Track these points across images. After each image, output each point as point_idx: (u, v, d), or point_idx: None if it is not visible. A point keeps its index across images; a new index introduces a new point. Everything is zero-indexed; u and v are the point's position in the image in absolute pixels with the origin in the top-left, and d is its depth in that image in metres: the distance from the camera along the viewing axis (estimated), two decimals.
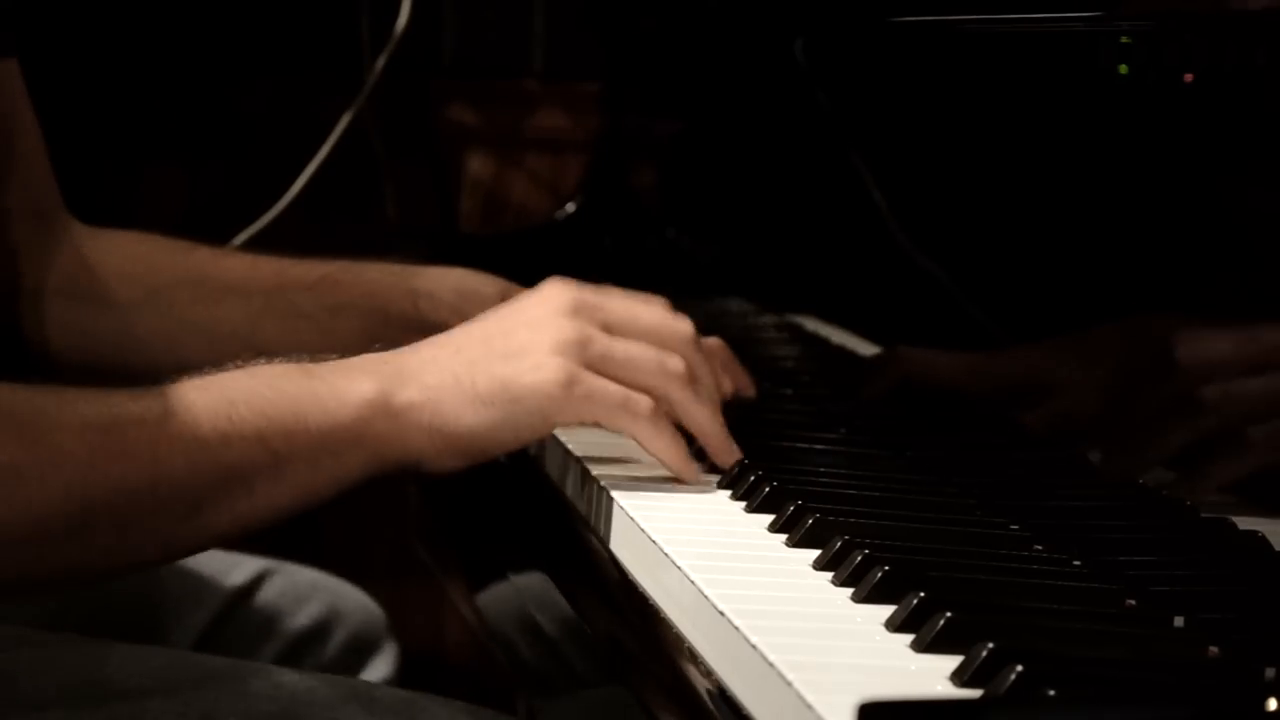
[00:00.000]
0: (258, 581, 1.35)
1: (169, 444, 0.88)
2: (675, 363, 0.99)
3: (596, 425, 0.97)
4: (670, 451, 0.98)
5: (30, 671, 0.98)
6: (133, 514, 0.88)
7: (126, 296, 1.23)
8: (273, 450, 0.90)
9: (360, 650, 1.39)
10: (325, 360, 0.95)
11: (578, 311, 0.98)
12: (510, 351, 0.96)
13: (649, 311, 1.02)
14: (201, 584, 1.33)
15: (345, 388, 0.92)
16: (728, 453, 1.00)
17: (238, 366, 0.92)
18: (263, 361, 0.93)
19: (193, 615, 1.31)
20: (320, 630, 1.37)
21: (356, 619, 1.39)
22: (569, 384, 0.94)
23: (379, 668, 1.40)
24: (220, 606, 1.32)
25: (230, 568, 1.35)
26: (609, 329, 0.98)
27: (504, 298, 1.16)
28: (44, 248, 1.21)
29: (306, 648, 1.35)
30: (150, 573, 1.30)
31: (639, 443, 0.98)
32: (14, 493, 0.84)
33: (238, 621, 1.33)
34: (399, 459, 0.94)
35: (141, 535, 0.89)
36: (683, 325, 1.02)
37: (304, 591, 1.37)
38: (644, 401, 0.96)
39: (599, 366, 0.96)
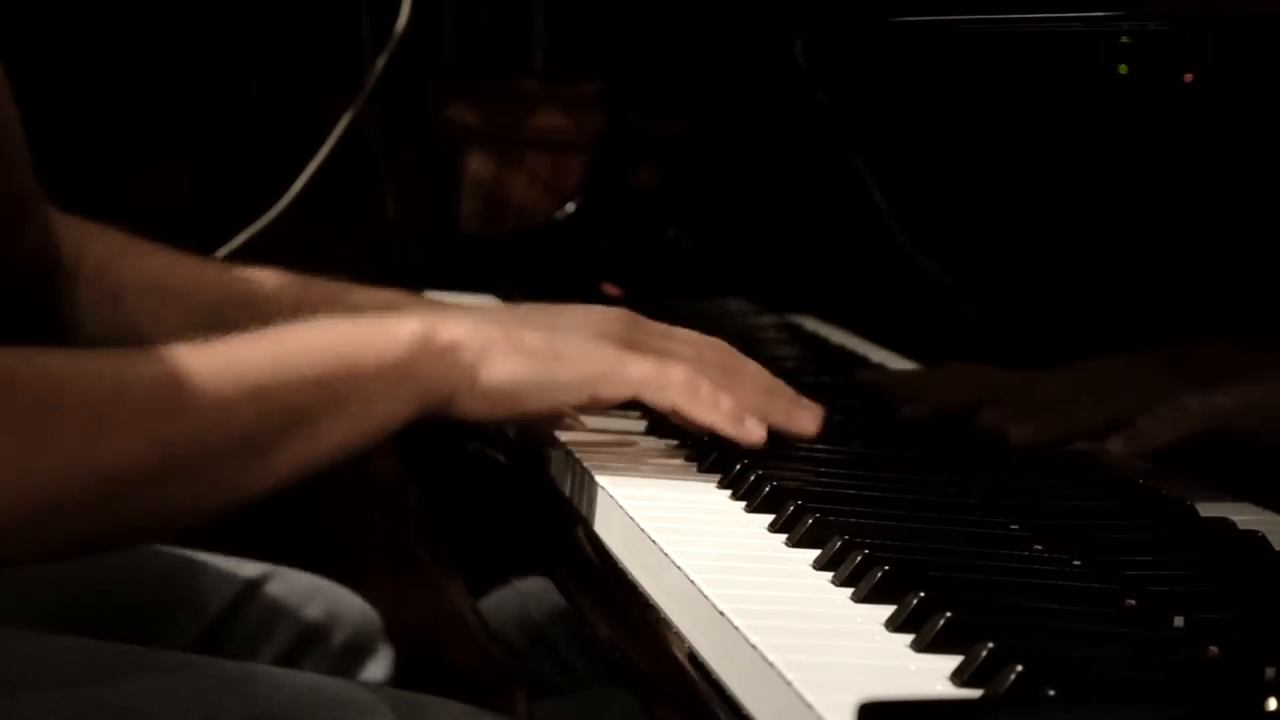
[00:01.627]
0: (254, 586, 1.36)
1: (236, 393, 0.91)
2: (714, 354, 1.02)
3: (631, 404, 0.99)
4: (713, 414, 1.00)
5: (30, 672, 0.98)
6: (207, 461, 0.90)
7: (87, 294, 1.24)
8: (332, 391, 0.93)
9: (356, 654, 1.39)
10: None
11: (620, 316, 1.03)
12: (559, 321, 1.00)
13: (685, 330, 1.06)
14: (198, 589, 1.33)
15: (395, 327, 0.96)
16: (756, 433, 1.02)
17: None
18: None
19: (190, 619, 1.32)
20: (316, 634, 1.37)
21: (353, 623, 1.40)
22: (613, 356, 0.98)
23: (374, 671, 1.40)
24: (217, 611, 1.33)
25: (227, 572, 1.35)
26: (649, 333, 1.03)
27: None
28: (22, 233, 1.22)
29: (302, 651, 1.35)
30: (147, 577, 1.30)
31: (680, 413, 0.99)
32: (97, 447, 0.87)
33: (235, 626, 1.33)
34: (439, 396, 0.97)
35: (215, 481, 0.92)
36: (717, 340, 1.05)
37: (300, 596, 1.38)
38: (679, 370, 0.98)
39: (639, 350, 1.00)
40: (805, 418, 1.05)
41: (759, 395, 1.04)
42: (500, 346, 0.97)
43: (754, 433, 1.01)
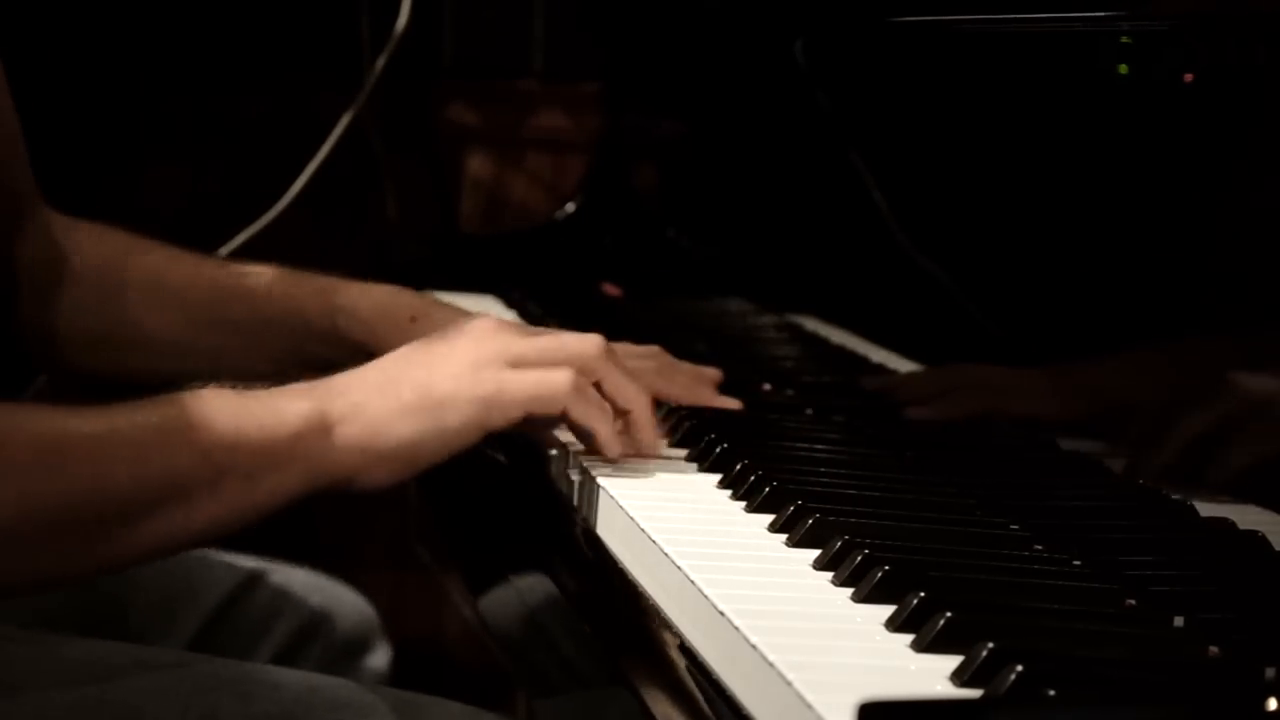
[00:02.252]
0: (250, 582, 1.36)
1: (112, 457, 0.90)
2: (591, 344, 1.01)
3: (526, 424, 0.99)
4: (597, 419, 0.99)
5: (30, 672, 0.98)
6: (75, 524, 0.89)
7: (89, 295, 1.24)
8: (214, 464, 0.91)
9: (353, 649, 1.39)
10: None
11: (497, 330, 1.01)
12: (433, 364, 0.98)
13: (564, 333, 1.05)
14: (194, 586, 1.33)
15: (282, 406, 0.95)
16: (650, 430, 1.02)
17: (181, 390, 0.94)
18: (199, 386, 0.96)
19: (186, 617, 1.32)
20: (314, 629, 1.37)
21: (349, 619, 1.40)
22: (492, 386, 0.97)
23: (372, 667, 1.39)
24: (213, 608, 1.33)
25: (223, 569, 1.35)
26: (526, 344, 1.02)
27: (413, 318, 1.20)
28: (19, 230, 1.22)
29: (301, 646, 1.35)
30: (142, 574, 1.30)
31: (568, 420, 0.99)
32: None
33: (231, 622, 1.33)
34: (332, 476, 0.95)
35: (81, 545, 0.90)
36: (594, 336, 1.04)
37: (296, 591, 1.38)
38: (562, 375, 0.98)
39: (517, 365, 0.99)
40: (704, 393, 1.09)
41: (652, 375, 1.06)
42: (382, 411, 0.95)
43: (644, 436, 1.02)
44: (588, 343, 1.02)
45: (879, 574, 0.79)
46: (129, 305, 1.24)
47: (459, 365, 0.98)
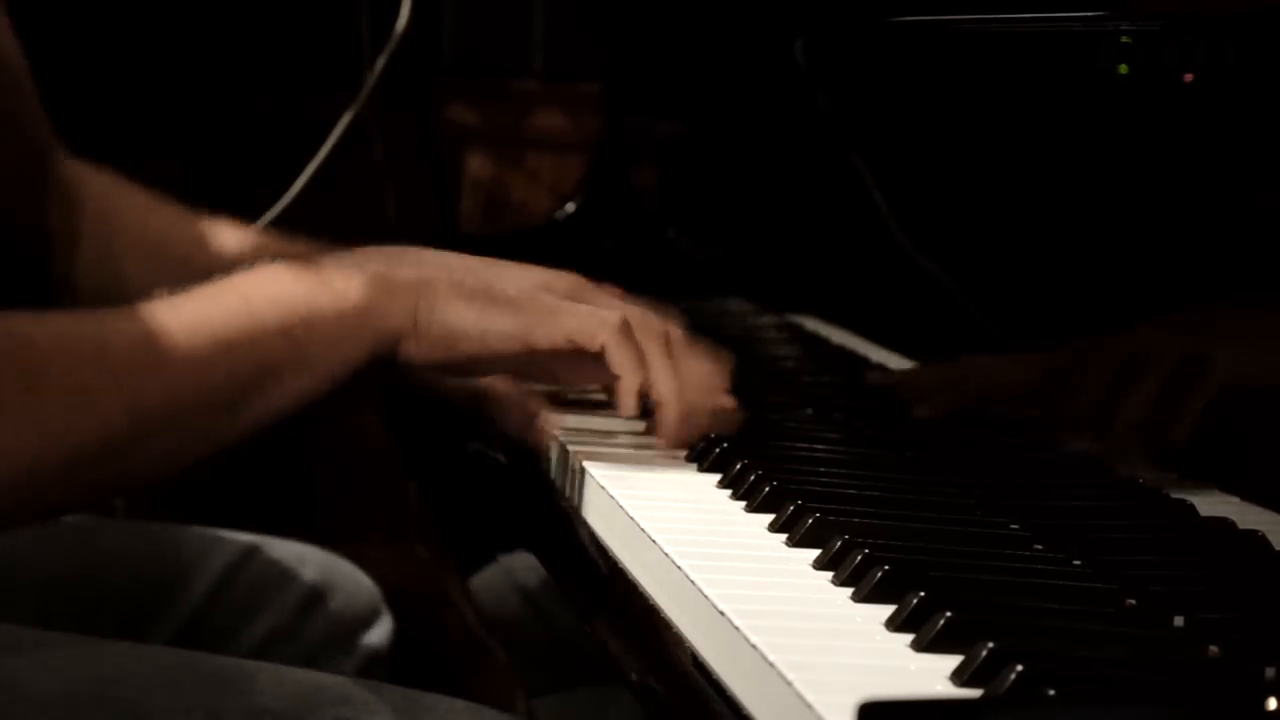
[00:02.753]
0: (246, 556, 1.36)
1: (209, 349, 0.92)
2: (652, 316, 1.03)
3: (561, 364, 1.00)
4: (629, 370, 1.00)
5: (32, 671, 0.98)
6: (181, 419, 0.92)
7: (85, 248, 1.24)
8: (295, 340, 0.95)
9: (354, 620, 1.38)
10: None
11: (567, 275, 1.06)
12: (503, 272, 1.03)
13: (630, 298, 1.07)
14: (191, 561, 1.33)
15: (349, 274, 0.98)
16: (672, 437, 1.02)
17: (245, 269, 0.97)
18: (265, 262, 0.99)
19: (183, 593, 1.32)
20: (313, 602, 1.36)
21: (348, 589, 1.39)
22: (550, 304, 1.00)
23: (375, 637, 1.39)
24: (211, 583, 1.33)
25: (218, 544, 1.35)
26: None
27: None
28: (45, 186, 1.22)
29: (300, 620, 1.35)
30: (141, 552, 1.30)
31: (606, 357, 1.00)
32: (80, 419, 0.88)
33: (230, 597, 1.33)
34: (390, 339, 0.98)
35: (190, 436, 0.94)
36: (656, 312, 1.06)
37: (293, 564, 1.38)
38: (613, 315, 0.99)
39: (577, 299, 1.02)
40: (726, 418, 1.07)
41: (690, 388, 1.04)
42: (442, 290, 0.98)
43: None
44: (650, 313, 1.04)
45: (879, 574, 0.79)
46: (126, 263, 1.25)
47: (524, 280, 1.02)
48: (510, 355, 1.00)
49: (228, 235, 1.29)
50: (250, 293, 0.95)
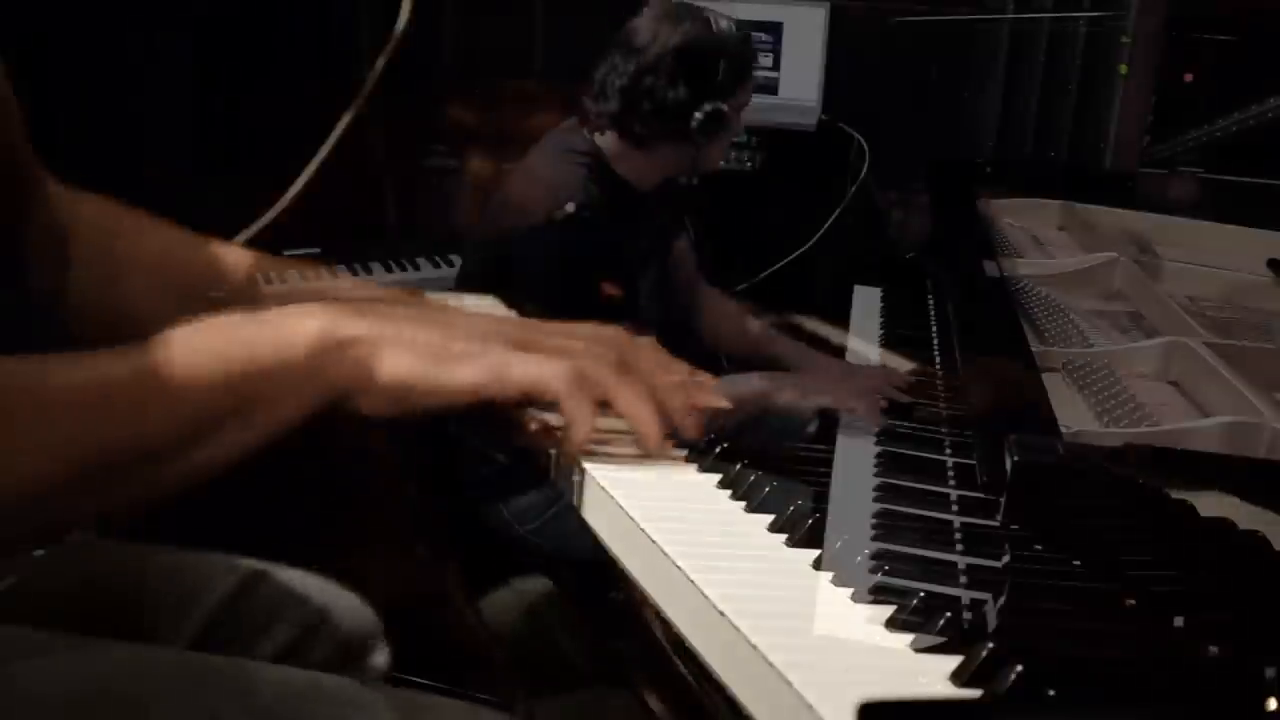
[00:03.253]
0: (251, 583, 1.36)
1: (148, 401, 0.92)
2: (607, 346, 1.02)
3: (523, 398, 0.99)
4: (580, 421, 0.99)
5: (33, 673, 0.98)
6: (119, 466, 0.92)
7: (84, 273, 1.24)
8: (239, 394, 0.94)
9: (352, 650, 1.39)
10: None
11: (513, 319, 1.03)
12: (452, 323, 1.01)
13: (582, 326, 1.05)
14: (192, 588, 1.33)
15: (295, 326, 0.97)
16: (654, 433, 1.02)
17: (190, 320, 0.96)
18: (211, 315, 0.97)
19: (187, 617, 1.31)
20: (313, 631, 1.37)
21: (347, 620, 1.39)
22: (500, 357, 0.99)
23: (371, 668, 1.39)
24: (211, 610, 1.33)
25: (223, 569, 1.35)
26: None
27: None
28: (28, 207, 1.22)
29: (300, 648, 1.35)
30: (144, 576, 1.30)
31: (563, 409, 0.99)
32: (15, 461, 0.88)
33: (232, 622, 1.33)
34: (337, 393, 0.97)
35: (127, 483, 0.93)
36: (613, 328, 1.04)
37: (297, 593, 1.38)
38: (562, 367, 0.99)
39: (527, 349, 1.00)
40: (701, 397, 1.06)
41: (656, 383, 1.03)
42: (394, 345, 0.98)
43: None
44: (603, 342, 1.02)
45: (879, 574, 0.79)
46: (126, 285, 1.25)
47: (475, 332, 1.00)
48: (463, 406, 1.00)
49: (225, 255, 1.29)
50: (198, 344, 0.94)
